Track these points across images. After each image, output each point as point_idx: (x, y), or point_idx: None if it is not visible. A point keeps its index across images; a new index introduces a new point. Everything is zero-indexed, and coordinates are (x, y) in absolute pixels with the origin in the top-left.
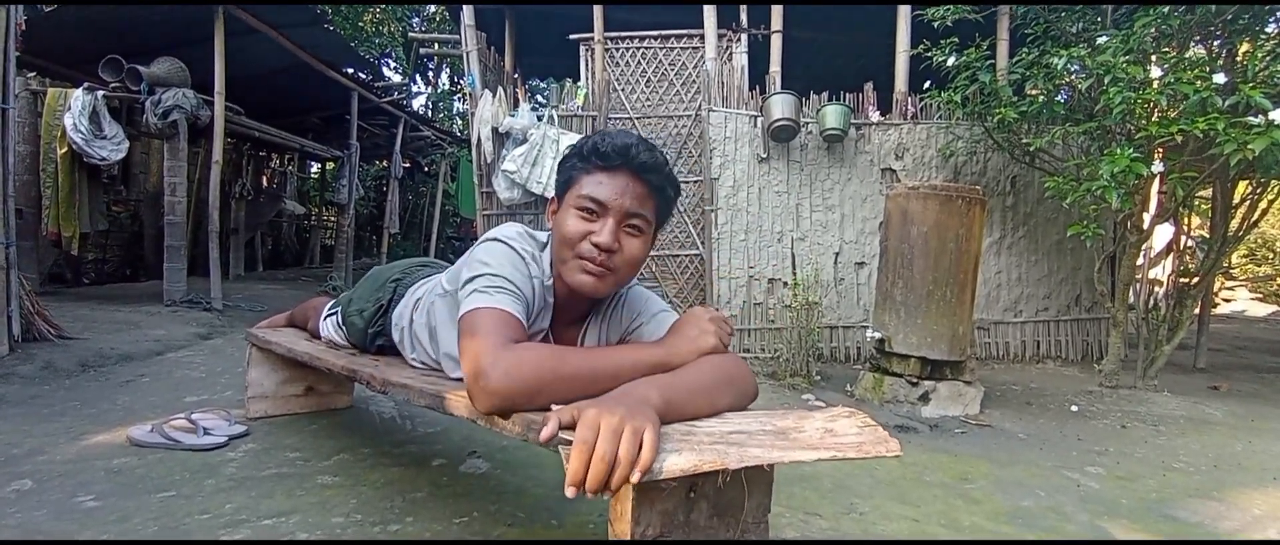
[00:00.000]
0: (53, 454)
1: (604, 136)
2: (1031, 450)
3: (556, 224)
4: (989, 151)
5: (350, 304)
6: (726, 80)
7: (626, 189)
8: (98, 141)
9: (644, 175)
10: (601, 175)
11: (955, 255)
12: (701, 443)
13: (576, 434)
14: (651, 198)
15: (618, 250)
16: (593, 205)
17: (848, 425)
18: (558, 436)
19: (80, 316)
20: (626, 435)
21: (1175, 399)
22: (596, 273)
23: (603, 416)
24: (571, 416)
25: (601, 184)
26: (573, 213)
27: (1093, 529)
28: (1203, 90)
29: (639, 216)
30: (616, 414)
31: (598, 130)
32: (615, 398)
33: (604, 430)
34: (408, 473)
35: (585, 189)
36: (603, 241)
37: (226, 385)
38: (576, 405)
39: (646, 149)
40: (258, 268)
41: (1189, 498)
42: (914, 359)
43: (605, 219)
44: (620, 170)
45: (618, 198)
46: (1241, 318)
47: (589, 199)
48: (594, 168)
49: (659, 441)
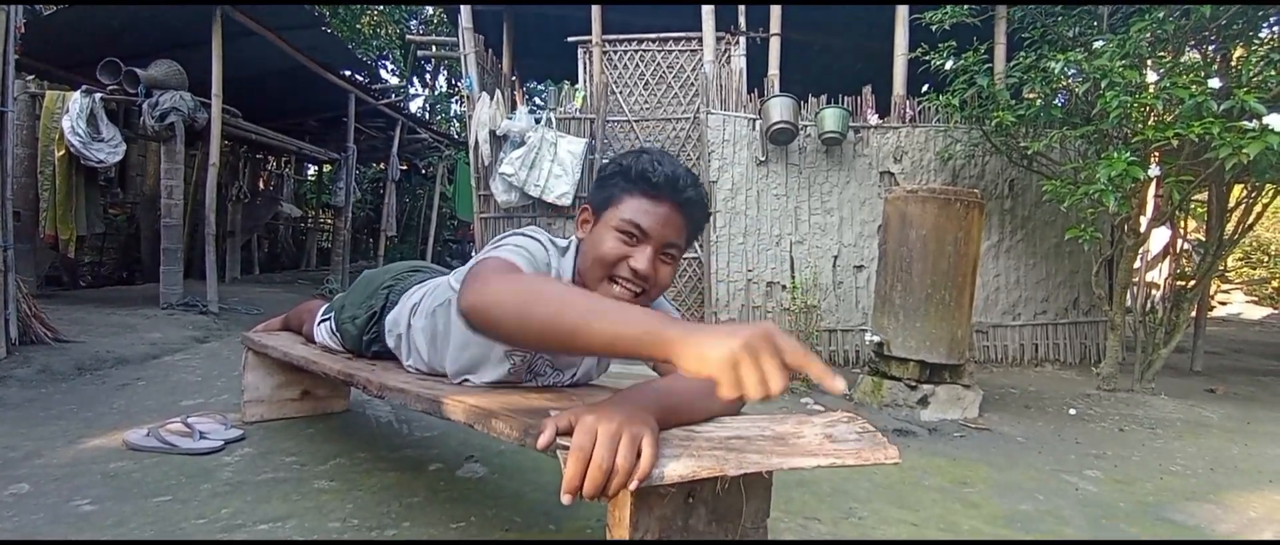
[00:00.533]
0: (49, 457)
1: (653, 162)
2: (1030, 453)
3: (592, 239)
4: (987, 155)
5: (343, 310)
6: (725, 83)
7: (670, 220)
8: (95, 144)
9: (686, 209)
10: (647, 203)
11: (954, 258)
12: (701, 448)
13: (573, 440)
14: (687, 227)
15: (652, 277)
16: (635, 231)
17: (847, 430)
18: (555, 443)
19: (77, 319)
20: (624, 442)
21: (1172, 402)
22: (627, 297)
23: (600, 422)
24: (568, 422)
25: (646, 212)
26: (613, 234)
27: (1090, 532)
28: (1198, 95)
29: (675, 246)
30: (614, 420)
31: (604, 137)
32: (615, 403)
33: (602, 437)
34: (404, 477)
35: (628, 213)
36: (642, 269)
37: (223, 389)
38: (573, 411)
39: (693, 184)
40: (254, 271)
41: (1186, 501)
42: (913, 362)
43: (645, 246)
44: (665, 201)
45: (660, 228)
46: (1237, 320)
47: (632, 225)
48: (639, 193)
49: (658, 448)
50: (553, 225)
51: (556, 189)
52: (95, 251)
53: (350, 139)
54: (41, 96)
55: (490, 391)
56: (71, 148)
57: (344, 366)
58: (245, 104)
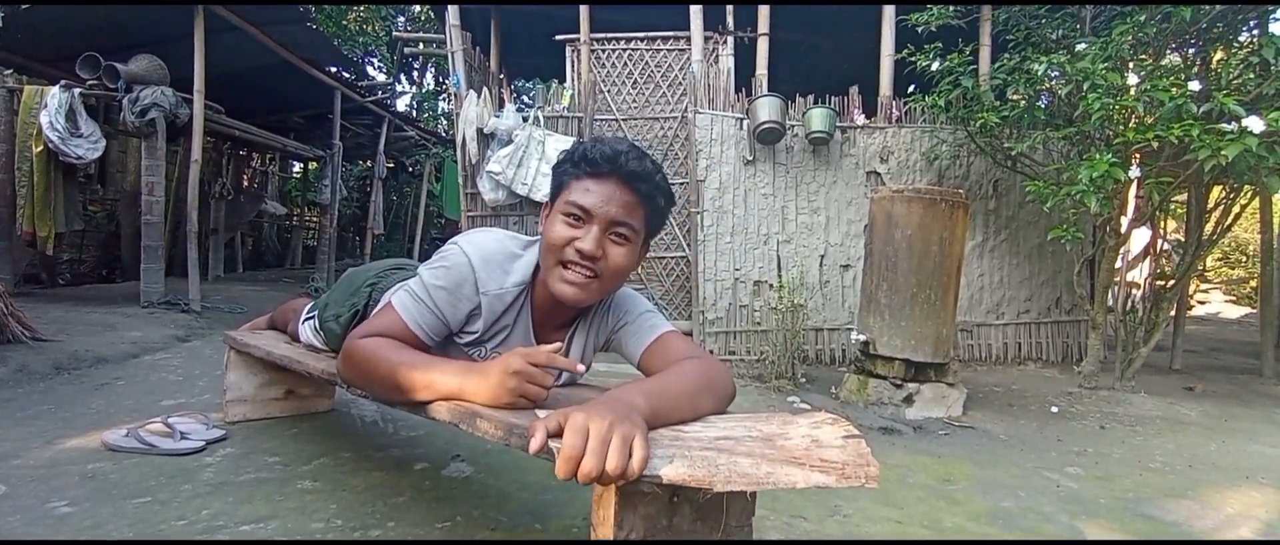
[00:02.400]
0: (26, 458)
1: (595, 143)
2: (1013, 451)
3: (543, 230)
4: (972, 155)
5: (326, 309)
6: (713, 82)
7: (613, 197)
8: (74, 140)
9: (632, 183)
10: (589, 182)
11: (939, 258)
12: (691, 449)
13: (564, 441)
14: (640, 206)
15: (601, 257)
16: (578, 212)
17: (832, 434)
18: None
19: (55, 318)
20: (615, 442)
21: (1152, 400)
22: (579, 282)
23: (591, 422)
24: (558, 424)
25: (588, 191)
26: (559, 218)
27: (1071, 529)
28: (1178, 97)
29: (625, 225)
30: (605, 420)
31: (592, 136)
32: (605, 402)
33: (593, 437)
34: (390, 477)
35: (572, 195)
36: (585, 248)
37: (204, 388)
38: (563, 411)
39: (636, 157)
40: (238, 268)
41: (1165, 497)
42: (898, 361)
43: (590, 226)
44: (608, 177)
45: (603, 205)
46: (1216, 319)
47: (575, 205)
48: (583, 174)
49: (649, 448)
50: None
51: (544, 187)
52: (74, 249)
53: (336, 136)
54: (19, 91)
55: None
56: (50, 143)
57: (327, 366)
58: (229, 100)
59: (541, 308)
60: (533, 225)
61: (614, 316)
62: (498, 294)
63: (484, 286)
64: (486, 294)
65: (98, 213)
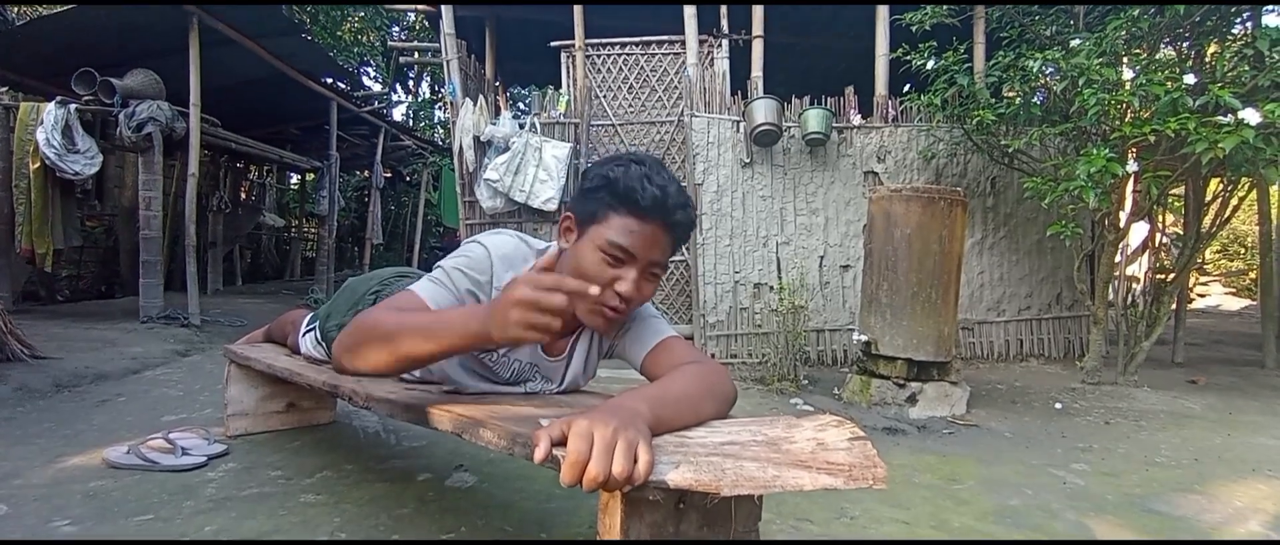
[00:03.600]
0: (28, 477)
1: (642, 179)
2: (1018, 449)
3: (575, 255)
4: (969, 153)
5: (328, 319)
6: (708, 86)
7: (656, 241)
8: (71, 156)
9: (675, 230)
10: (633, 222)
11: (939, 256)
12: (696, 455)
13: (568, 448)
14: (674, 245)
15: (635, 298)
16: (620, 254)
17: (837, 436)
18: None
19: (55, 335)
20: (620, 448)
21: (1155, 394)
22: (609, 317)
23: (595, 428)
24: (561, 431)
25: (632, 233)
26: (597, 254)
27: (1079, 526)
28: (1174, 91)
29: (660, 264)
30: (609, 426)
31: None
32: (608, 408)
33: (598, 444)
34: (393, 489)
35: (613, 234)
36: (627, 292)
37: (205, 403)
38: (565, 419)
39: (682, 205)
40: (237, 282)
41: (1172, 492)
42: (900, 361)
43: (630, 268)
44: (653, 222)
45: (646, 250)
46: (1216, 312)
47: (618, 247)
48: (626, 212)
49: (654, 453)
50: (539, 230)
51: (542, 194)
52: (73, 265)
53: (333, 147)
54: (15, 108)
55: (478, 400)
56: (46, 160)
57: (329, 377)
58: (225, 113)
59: None
60: (531, 232)
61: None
62: None
63: (500, 281)
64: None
65: (96, 228)
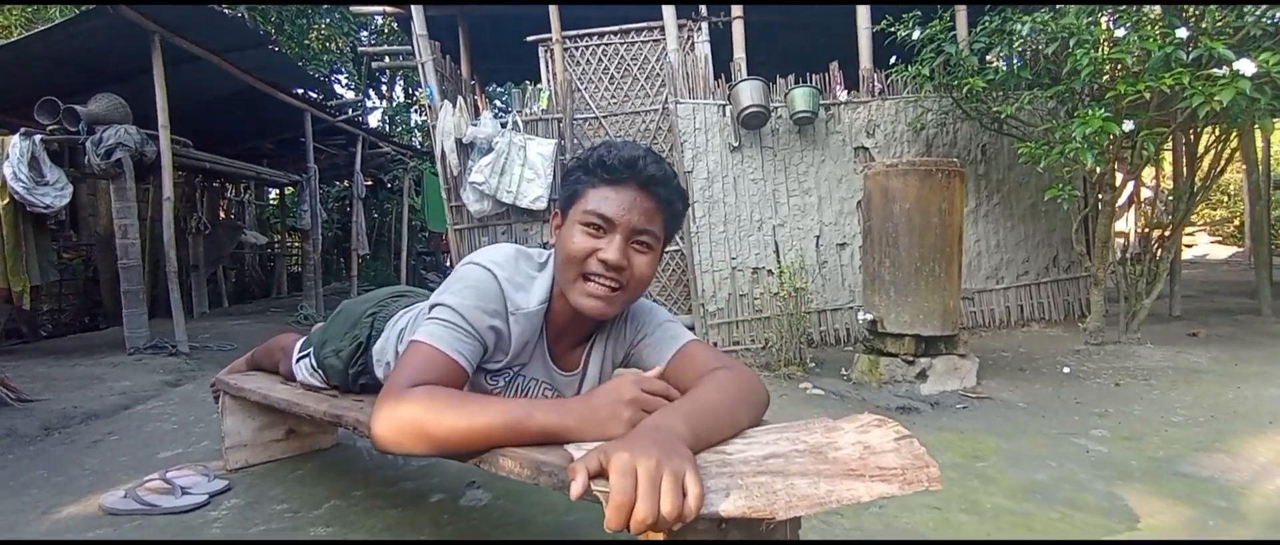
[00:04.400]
0: (23, 532)
1: (609, 148)
2: (1034, 419)
3: (560, 241)
4: (958, 122)
5: (324, 346)
6: (691, 71)
7: (634, 204)
8: (40, 189)
9: (652, 188)
10: (607, 189)
11: (939, 230)
12: (741, 474)
13: (612, 486)
14: (660, 212)
15: (625, 267)
16: (599, 221)
17: (882, 438)
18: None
19: (39, 375)
20: (667, 482)
21: (1159, 350)
22: (603, 294)
23: (637, 460)
24: (598, 463)
25: (608, 199)
26: (578, 229)
27: (1109, 496)
28: (1167, 46)
29: (647, 232)
30: (652, 456)
31: (572, 136)
32: (646, 434)
33: (643, 480)
34: (406, 514)
35: (591, 204)
36: (610, 258)
37: (202, 435)
38: (602, 448)
39: (654, 161)
40: (223, 303)
41: (1195, 452)
42: (908, 337)
43: (612, 235)
44: (628, 184)
45: (625, 213)
46: (1205, 262)
47: (595, 214)
48: (600, 181)
49: (702, 483)
50: (530, 230)
51: (530, 193)
52: (53, 298)
53: (310, 159)
54: None
55: None
56: (15, 195)
57: (330, 407)
58: (196, 132)
59: (557, 325)
60: (521, 234)
61: (633, 329)
62: (529, 313)
63: (514, 305)
64: (517, 313)
65: (73, 259)
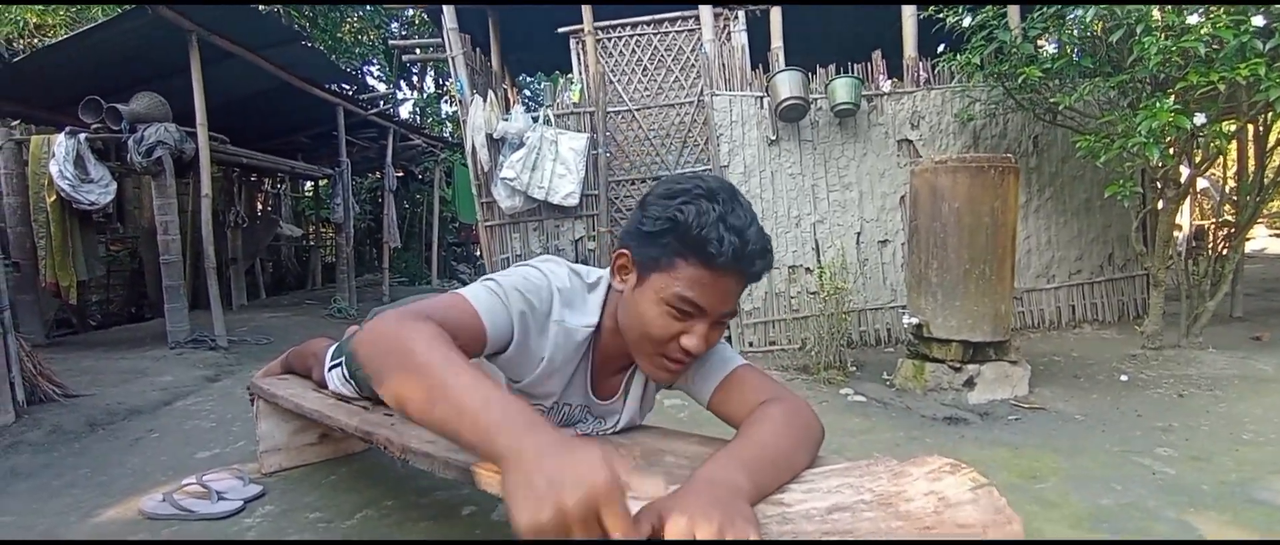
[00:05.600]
0: (65, 535)
1: (716, 226)
2: (1093, 434)
3: (636, 307)
4: (1008, 113)
5: (353, 358)
6: (727, 61)
7: (730, 293)
8: (85, 186)
9: (752, 278)
10: (706, 275)
11: (991, 230)
12: (806, 533)
13: None
14: (746, 289)
15: (704, 352)
16: (689, 309)
17: (958, 487)
18: None
19: (86, 368)
20: None
21: (1222, 356)
22: (676, 371)
23: (697, 525)
24: (651, 528)
25: (705, 288)
26: (661, 307)
27: (1182, 526)
28: (1242, 34)
29: (731, 312)
30: (713, 520)
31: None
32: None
33: None
34: (438, 528)
35: (681, 287)
36: (694, 348)
37: (238, 435)
38: (656, 508)
39: (762, 251)
40: (261, 295)
41: (1270, 475)
42: (955, 343)
43: (700, 322)
44: (730, 273)
45: (720, 304)
46: (1263, 256)
47: (686, 302)
48: (698, 262)
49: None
50: (561, 226)
51: (562, 189)
52: (102, 289)
53: (343, 153)
54: (27, 142)
55: None
56: (61, 193)
57: (361, 422)
58: (232, 128)
59: (604, 355)
60: (553, 229)
61: None
62: (571, 329)
63: (557, 315)
64: (561, 324)
65: (120, 251)
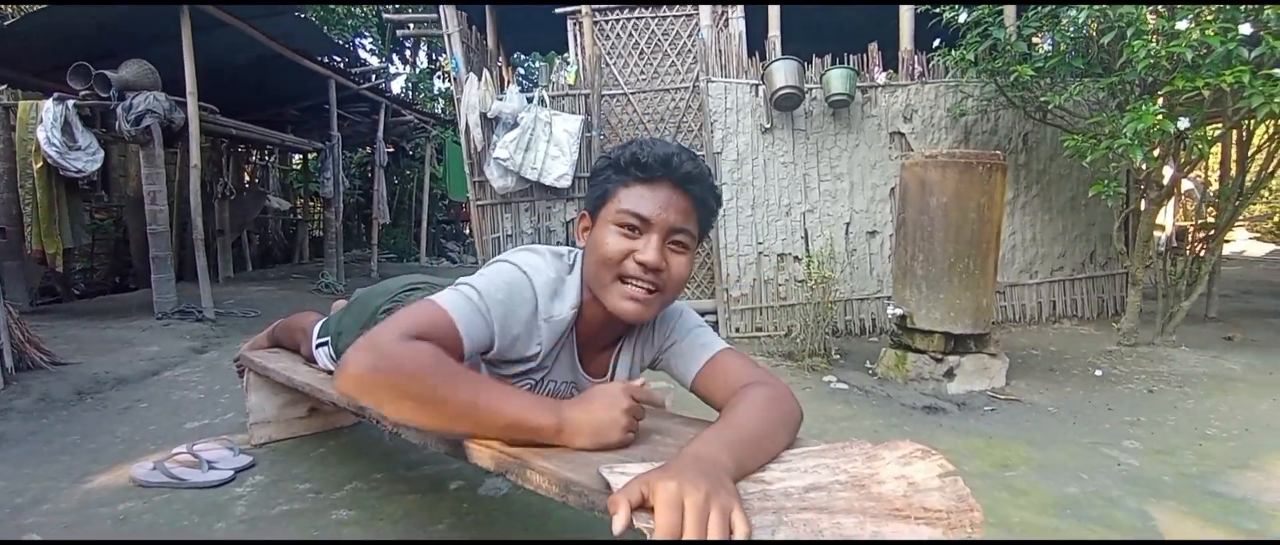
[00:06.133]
0: (56, 501)
1: (641, 145)
2: (1064, 426)
3: (592, 243)
4: (1000, 109)
5: (340, 336)
6: (724, 48)
7: (670, 202)
8: (72, 153)
9: (687, 187)
10: (642, 188)
11: (977, 225)
12: (785, 509)
13: (658, 520)
14: (695, 210)
15: (663, 268)
16: (634, 221)
17: (926, 473)
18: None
19: (72, 336)
20: (715, 518)
21: (1194, 354)
22: (641, 297)
23: (685, 493)
24: (642, 494)
25: (643, 198)
26: (611, 230)
27: (1140, 514)
28: (1229, 42)
29: (683, 231)
30: (700, 490)
31: (600, 112)
32: (691, 465)
33: (690, 514)
34: (426, 501)
35: (624, 203)
36: (649, 260)
37: (227, 406)
38: (645, 479)
39: (689, 158)
40: (248, 267)
41: (1228, 470)
42: (937, 335)
43: (649, 235)
44: (662, 182)
45: (661, 211)
46: (1241, 258)
47: (630, 214)
48: (633, 180)
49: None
50: (553, 208)
51: (554, 170)
52: (86, 257)
53: (334, 127)
54: (14, 107)
55: None
56: (49, 159)
57: None
58: (222, 98)
59: (588, 329)
60: (545, 210)
61: (661, 334)
62: (558, 319)
63: (545, 312)
64: (549, 320)
65: (105, 219)
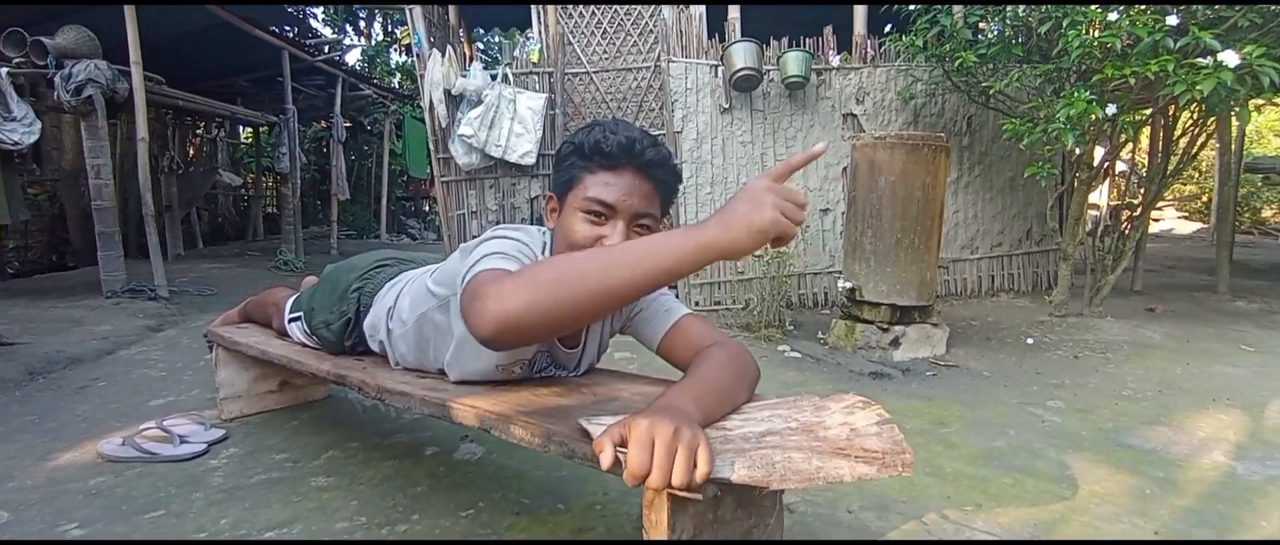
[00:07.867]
0: (22, 479)
1: (604, 131)
2: (996, 388)
3: (561, 228)
4: (947, 93)
5: (313, 314)
6: (685, 29)
7: (634, 188)
8: (7, 125)
9: (650, 172)
10: (607, 175)
11: (922, 203)
12: (744, 450)
13: (630, 455)
14: (657, 193)
15: None
16: (600, 208)
17: (866, 420)
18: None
19: (15, 317)
20: (681, 453)
21: (1118, 324)
22: None
23: (656, 431)
24: (621, 434)
25: (608, 185)
26: (579, 217)
27: (1059, 464)
28: (1156, 32)
29: (648, 215)
30: (669, 427)
31: (563, 90)
32: (662, 411)
33: (659, 450)
34: (403, 466)
35: (591, 191)
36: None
37: (191, 383)
38: (624, 421)
39: (651, 144)
40: (198, 245)
41: (1141, 425)
42: (884, 306)
43: (615, 221)
44: (626, 169)
45: (626, 198)
46: (1170, 236)
47: (596, 202)
48: (597, 167)
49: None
50: (517, 184)
51: (519, 148)
52: (19, 235)
53: (288, 100)
54: None
55: (496, 390)
56: None
57: (334, 366)
58: (168, 67)
59: None
60: (510, 187)
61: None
62: None
63: None
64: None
65: (39, 194)
